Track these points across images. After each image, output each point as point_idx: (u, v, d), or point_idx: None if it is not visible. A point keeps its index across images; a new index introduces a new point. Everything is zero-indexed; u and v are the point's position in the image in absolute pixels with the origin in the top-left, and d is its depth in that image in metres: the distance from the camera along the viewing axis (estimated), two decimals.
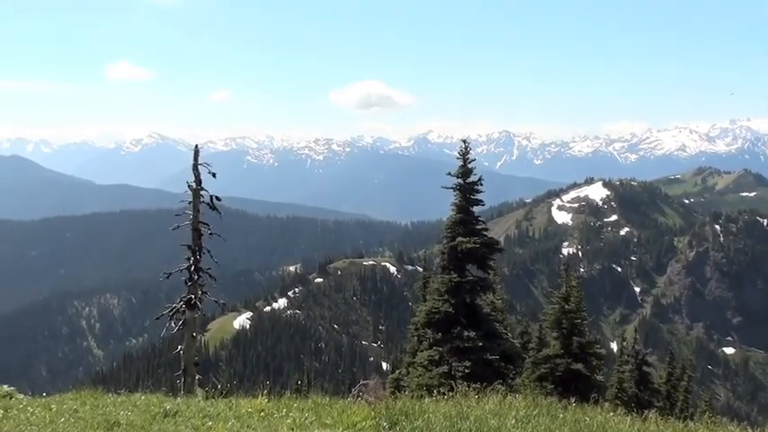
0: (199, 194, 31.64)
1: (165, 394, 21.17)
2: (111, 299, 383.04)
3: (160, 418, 16.41)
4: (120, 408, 17.36)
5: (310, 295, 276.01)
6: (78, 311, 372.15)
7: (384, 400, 18.51)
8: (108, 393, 20.27)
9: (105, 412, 16.73)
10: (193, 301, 31.56)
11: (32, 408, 17.82)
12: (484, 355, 31.46)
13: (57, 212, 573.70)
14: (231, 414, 16.71)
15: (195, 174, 31.54)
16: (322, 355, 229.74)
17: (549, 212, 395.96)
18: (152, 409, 17.24)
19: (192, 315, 31.83)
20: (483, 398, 18.33)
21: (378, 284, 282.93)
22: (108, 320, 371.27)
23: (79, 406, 17.75)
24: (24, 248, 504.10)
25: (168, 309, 32.34)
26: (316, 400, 17.97)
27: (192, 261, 31.67)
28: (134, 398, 19.26)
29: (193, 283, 31.65)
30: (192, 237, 31.71)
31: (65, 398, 19.41)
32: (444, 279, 32.90)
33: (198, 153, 31.57)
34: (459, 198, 33.14)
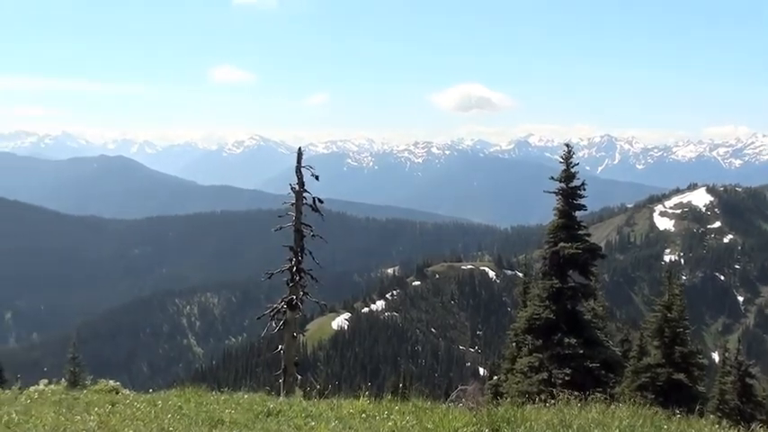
0: (301, 196, 31.82)
1: (267, 393, 21.35)
2: (211, 297, 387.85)
3: (263, 417, 16.53)
4: (223, 406, 17.53)
5: (408, 298, 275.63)
6: (179, 309, 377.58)
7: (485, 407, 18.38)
8: (211, 391, 20.51)
9: (209, 410, 16.91)
10: (294, 301, 31.76)
11: (138, 403, 18.09)
12: (584, 363, 31.07)
13: (160, 212, 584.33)
14: (333, 415, 16.75)
15: (298, 176, 31.73)
16: (419, 359, 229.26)
17: (650, 218, 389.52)
18: (255, 407, 17.38)
19: (293, 315, 32.03)
20: (585, 406, 18.07)
21: (476, 289, 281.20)
22: (208, 319, 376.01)
23: (183, 403, 17.98)
24: (128, 247, 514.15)
25: (269, 309, 32.56)
26: (416, 403, 17.91)
27: (293, 262, 31.86)
28: (237, 396, 19.46)
29: (295, 284, 31.84)
30: (295, 238, 31.90)
31: (169, 394, 19.69)
32: (546, 285, 32.58)
33: (301, 155, 31.78)
34: (562, 203, 32.79)
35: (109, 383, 22.61)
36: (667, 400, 32.02)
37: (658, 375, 34.96)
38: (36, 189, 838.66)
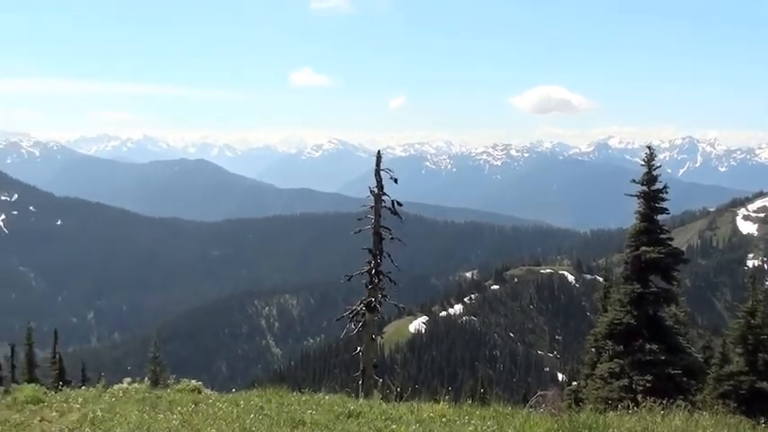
0: (380, 199, 31.85)
1: (348, 395, 21.41)
2: (290, 299, 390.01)
3: (344, 418, 16.58)
4: (304, 406, 17.62)
5: (486, 302, 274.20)
6: (258, 310, 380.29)
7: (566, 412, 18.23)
8: (292, 392, 20.62)
9: (290, 410, 17.01)
10: (373, 303, 31.80)
11: (220, 403, 18.30)
12: (666, 370, 30.63)
13: (239, 215, 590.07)
14: (413, 418, 16.74)
15: (377, 179, 31.76)
16: (496, 363, 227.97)
17: (733, 222, 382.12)
18: (335, 408, 17.45)
19: (372, 317, 32.08)
20: (668, 414, 17.81)
21: (555, 293, 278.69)
22: (287, 320, 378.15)
23: (265, 403, 18.12)
24: (208, 249, 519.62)
25: (348, 311, 32.65)
26: (497, 408, 17.83)
27: (372, 264, 31.91)
28: (317, 397, 19.55)
29: (374, 287, 31.90)
30: (374, 241, 31.95)
31: (251, 395, 19.84)
32: (627, 289, 32.19)
33: (380, 158, 31.81)
34: (644, 206, 32.38)
35: (191, 383, 22.84)
36: (750, 409, 31.41)
37: (741, 383, 34.31)
38: (118, 192, 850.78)
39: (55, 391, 21.92)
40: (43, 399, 19.92)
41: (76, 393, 21.01)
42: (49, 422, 16.99)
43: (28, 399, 19.60)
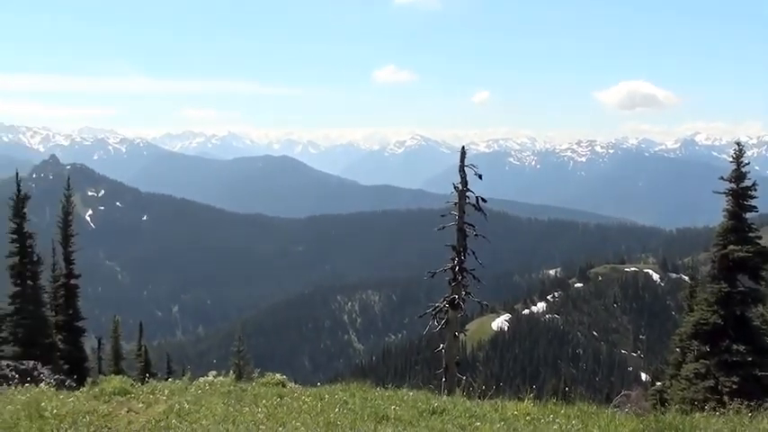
0: (464, 195, 31.70)
1: (431, 392, 21.37)
2: (372, 295, 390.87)
3: (427, 414, 16.55)
4: (388, 402, 17.59)
5: (569, 300, 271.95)
6: (341, 306, 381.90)
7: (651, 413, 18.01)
8: (376, 387, 20.65)
9: (374, 405, 17.00)
10: (457, 301, 31.68)
11: (305, 397, 18.37)
12: (753, 371, 30.11)
13: (322, 211, 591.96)
14: (497, 416, 16.65)
15: (461, 175, 31.62)
16: (579, 362, 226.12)
17: None
18: (419, 405, 17.40)
19: (455, 315, 31.97)
20: (756, 417, 17.50)
21: (639, 292, 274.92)
22: (369, 316, 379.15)
23: (349, 398, 18.14)
24: (292, 244, 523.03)
25: (431, 307, 32.56)
26: (582, 407, 17.65)
27: (456, 261, 31.79)
28: (401, 393, 19.51)
29: (457, 284, 31.77)
30: (457, 237, 31.82)
31: (335, 389, 19.86)
32: (714, 289, 31.70)
33: (464, 154, 31.65)
34: (732, 204, 31.83)
35: (276, 376, 22.99)
36: None
37: None
38: (203, 188, 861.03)
39: (141, 383, 22.21)
40: (130, 390, 20.20)
41: (162, 385, 21.26)
42: (136, 413, 17.24)
43: (115, 390, 19.88)
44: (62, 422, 15.02)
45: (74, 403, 17.25)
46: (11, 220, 46.81)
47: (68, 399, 17.98)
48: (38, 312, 46.75)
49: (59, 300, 51.71)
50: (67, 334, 50.91)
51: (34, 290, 47.29)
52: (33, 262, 47.22)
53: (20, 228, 46.61)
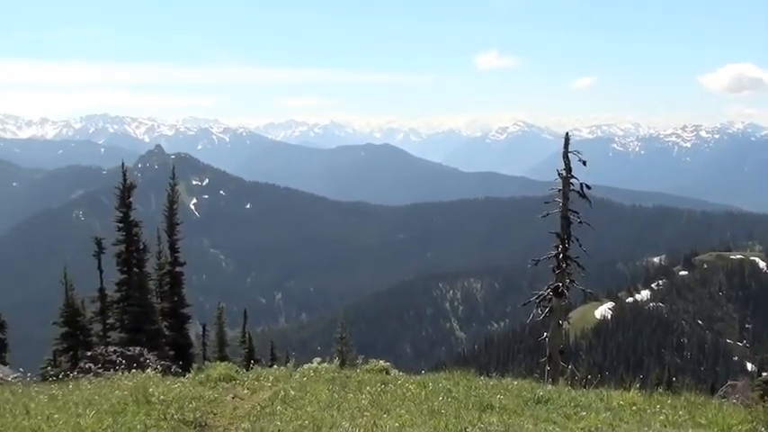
0: (568, 182, 31.41)
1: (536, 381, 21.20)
2: (474, 283, 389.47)
3: (532, 404, 16.41)
4: (492, 391, 17.49)
5: (674, 288, 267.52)
6: (443, 294, 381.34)
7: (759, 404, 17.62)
8: (480, 376, 20.53)
9: (478, 394, 16.90)
10: (561, 288, 31.43)
11: (408, 384, 18.35)
12: None
13: (424, 199, 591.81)
14: (603, 406, 16.45)
15: (565, 161, 31.34)
16: (683, 351, 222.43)
17: None
18: (524, 394, 17.28)
19: (559, 303, 31.73)
20: None
21: (745, 280, 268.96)
22: (471, 304, 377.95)
23: (453, 386, 18.06)
24: (393, 232, 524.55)
25: (535, 295, 32.36)
26: (689, 398, 17.34)
27: (560, 249, 31.51)
28: (505, 382, 19.39)
29: (561, 271, 31.51)
30: (561, 225, 31.54)
31: (439, 377, 19.82)
32: None
33: (568, 140, 31.35)
34: None
35: (380, 363, 23.06)
36: None
37: None
38: (305, 176, 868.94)
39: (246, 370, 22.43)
40: (235, 377, 20.42)
41: (267, 372, 21.44)
42: (242, 399, 17.41)
43: (221, 376, 20.12)
44: (169, 407, 15.21)
45: (180, 389, 17.48)
46: (117, 209, 47.74)
47: (174, 384, 18.22)
48: (144, 299, 47.61)
49: (165, 287, 52.59)
50: (173, 321, 51.77)
51: (140, 277, 48.17)
52: (139, 250, 48.08)
53: (126, 216, 47.49)
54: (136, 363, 27.92)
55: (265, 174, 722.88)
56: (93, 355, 30.22)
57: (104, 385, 18.95)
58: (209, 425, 14.94)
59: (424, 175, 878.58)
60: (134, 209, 48.00)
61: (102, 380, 20.65)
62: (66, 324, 47.68)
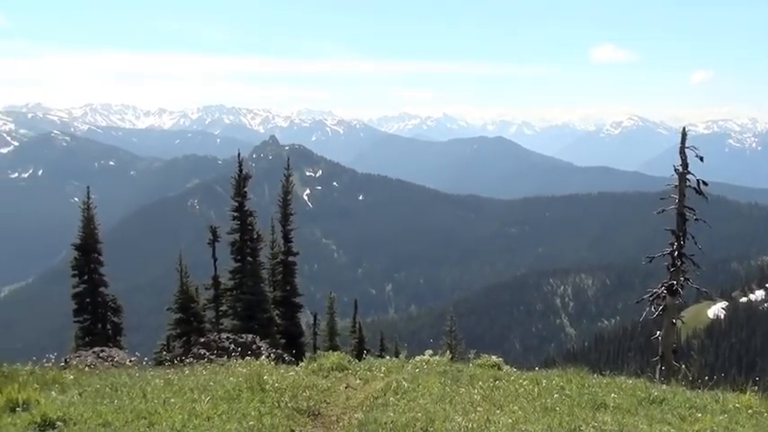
0: (685, 178, 30.93)
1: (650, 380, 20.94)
2: (585, 279, 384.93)
3: (646, 403, 16.22)
4: (605, 389, 17.35)
5: None
6: (553, 289, 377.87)
7: None
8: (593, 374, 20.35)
9: (591, 392, 16.78)
10: (675, 287, 30.97)
11: (521, 380, 18.29)
12: None
13: (536, 192, 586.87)
14: (718, 408, 16.17)
15: (682, 157, 30.85)
16: None
17: None
18: (638, 393, 17.09)
19: (673, 301, 31.27)
20: None
21: None
22: (582, 300, 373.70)
23: (565, 384, 17.95)
24: (505, 226, 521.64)
25: (648, 293, 31.95)
26: None
27: (675, 246, 31.04)
28: (619, 380, 19.20)
29: (676, 269, 31.05)
30: (677, 222, 31.06)
31: (551, 374, 19.72)
32: None
33: (685, 136, 30.85)
34: None
35: (492, 358, 23.02)
36: None
37: None
38: (418, 169, 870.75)
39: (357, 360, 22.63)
40: (347, 366, 20.63)
41: (379, 363, 21.63)
42: (354, 389, 17.58)
43: (333, 365, 20.36)
44: (283, 395, 15.43)
45: (294, 377, 17.74)
46: (233, 199, 48.58)
47: (288, 373, 18.50)
48: (257, 288, 48.31)
49: (278, 276, 53.31)
50: (285, 309, 52.44)
51: (254, 266, 48.91)
52: (253, 239, 48.84)
53: (241, 206, 48.28)
54: (249, 350, 28.40)
55: (378, 166, 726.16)
56: (206, 342, 30.80)
57: (219, 371, 19.32)
58: (321, 414, 15.12)
59: (536, 169, 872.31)
60: (249, 198, 48.77)
61: (216, 366, 21.03)
62: (180, 310, 48.69)
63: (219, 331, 40.53)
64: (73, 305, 48.44)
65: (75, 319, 48.41)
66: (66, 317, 50.22)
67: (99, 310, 48.31)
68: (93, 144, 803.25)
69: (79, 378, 17.45)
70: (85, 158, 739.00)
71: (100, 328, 48.21)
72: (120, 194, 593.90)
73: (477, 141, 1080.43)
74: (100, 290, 48.42)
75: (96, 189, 53.78)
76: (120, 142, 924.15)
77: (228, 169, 54.88)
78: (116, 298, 49.56)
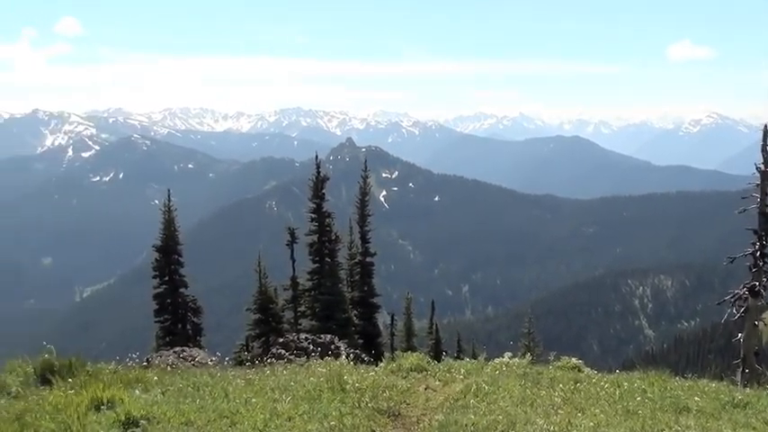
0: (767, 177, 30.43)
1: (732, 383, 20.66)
2: (664, 280, 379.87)
3: (730, 407, 15.97)
4: (688, 393, 17.10)
5: None
6: (632, 290, 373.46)
7: None
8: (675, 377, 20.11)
9: (674, 396, 16.56)
10: (757, 288, 30.50)
11: (602, 383, 18.13)
12: None
13: (614, 192, 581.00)
14: None
15: (764, 155, 30.35)
16: None
17: None
18: (721, 397, 16.83)
19: (755, 303, 30.80)
20: None
21: None
22: (660, 301, 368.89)
23: (647, 387, 17.74)
24: (582, 226, 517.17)
25: (730, 294, 31.51)
26: None
27: (757, 246, 30.57)
28: (701, 384, 18.96)
29: (758, 270, 30.57)
30: (759, 221, 30.59)
31: (632, 377, 19.51)
32: None
33: (767, 134, 30.33)
34: None
35: (572, 361, 22.86)
36: None
37: None
38: (494, 169, 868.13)
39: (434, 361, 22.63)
40: (426, 367, 20.62)
41: (458, 364, 21.58)
42: (434, 391, 17.57)
43: (412, 366, 20.37)
44: (363, 395, 15.49)
45: (373, 377, 17.77)
46: (311, 200, 48.99)
47: (368, 373, 18.55)
48: (335, 288, 48.63)
49: (355, 277, 53.61)
50: (362, 310, 52.70)
51: (332, 267, 49.24)
52: (331, 240, 49.19)
53: (319, 207, 48.65)
54: (327, 350, 28.57)
55: (453, 166, 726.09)
56: (285, 342, 31.03)
57: (299, 371, 19.45)
58: (402, 414, 15.14)
59: (614, 168, 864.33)
60: (326, 200, 49.12)
61: (295, 366, 21.19)
62: (259, 311, 49.21)
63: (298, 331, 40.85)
64: (154, 306, 49.29)
65: (156, 319, 49.23)
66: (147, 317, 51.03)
67: (179, 311, 49.06)
68: (173, 147, 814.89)
69: (162, 377, 17.67)
70: (165, 161, 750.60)
71: (180, 328, 48.96)
72: (198, 197, 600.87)
73: (553, 141, 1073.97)
74: (180, 291, 49.18)
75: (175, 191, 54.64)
76: (199, 145, 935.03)
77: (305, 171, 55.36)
78: (196, 299, 50.27)
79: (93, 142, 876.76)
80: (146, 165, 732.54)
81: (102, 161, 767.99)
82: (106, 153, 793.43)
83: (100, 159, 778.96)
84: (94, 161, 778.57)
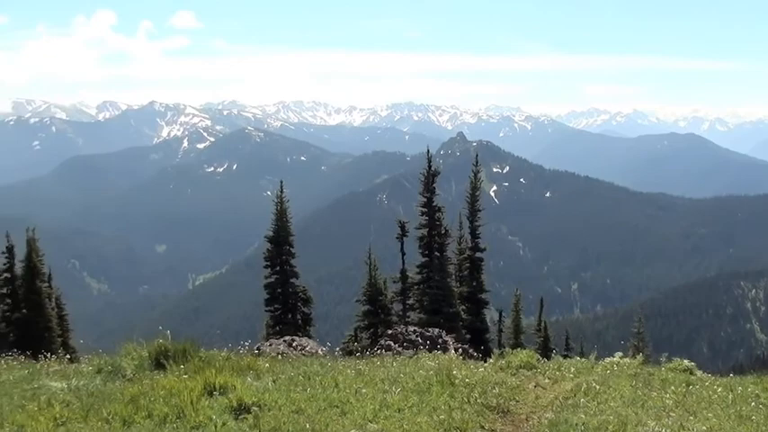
0: None
1: None
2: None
3: None
4: None
5: None
6: (744, 293, 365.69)
7: None
8: None
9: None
10: None
11: (714, 387, 17.84)
12: None
13: (729, 191, 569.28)
14: None
15: None
16: None
17: None
18: None
19: None
20: None
21: None
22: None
23: (761, 392, 17.46)
24: (695, 226, 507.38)
25: None
26: None
27: None
28: None
29: None
30: None
31: (746, 381, 19.17)
32: None
33: None
34: None
35: (684, 363, 22.54)
36: None
37: None
38: (606, 166, 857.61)
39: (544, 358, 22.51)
40: (536, 365, 20.57)
41: (568, 363, 21.48)
42: (543, 389, 17.50)
43: (522, 364, 20.33)
44: (472, 391, 15.51)
45: (482, 373, 17.82)
46: (421, 194, 49.08)
47: (478, 369, 18.60)
48: (444, 283, 48.65)
49: (464, 271, 53.53)
50: (470, 305, 52.58)
51: (441, 261, 49.27)
52: (441, 234, 49.23)
53: (430, 201, 48.72)
54: (435, 344, 28.61)
55: (565, 162, 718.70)
56: (394, 334, 31.16)
57: (408, 364, 19.59)
58: (511, 411, 15.12)
59: (729, 167, 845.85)
60: (437, 194, 49.18)
61: (404, 358, 21.32)
62: (368, 302, 49.55)
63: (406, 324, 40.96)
64: (265, 295, 50.05)
65: (267, 308, 50.00)
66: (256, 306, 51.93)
67: (290, 301, 49.75)
68: (286, 140, 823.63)
69: (273, 365, 17.95)
70: (278, 153, 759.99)
71: (290, 317, 49.63)
72: (311, 189, 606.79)
73: (667, 138, 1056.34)
74: (291, 281, 49.86)
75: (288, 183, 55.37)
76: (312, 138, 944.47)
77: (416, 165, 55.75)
78: (306, 289, 50.91)
79: (207, 134, 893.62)
80: (259, 156, 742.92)
81: (217, 152, 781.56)
82: (220, 144, 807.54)
83: (214, 150, 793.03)
84: (209, 152, 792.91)
